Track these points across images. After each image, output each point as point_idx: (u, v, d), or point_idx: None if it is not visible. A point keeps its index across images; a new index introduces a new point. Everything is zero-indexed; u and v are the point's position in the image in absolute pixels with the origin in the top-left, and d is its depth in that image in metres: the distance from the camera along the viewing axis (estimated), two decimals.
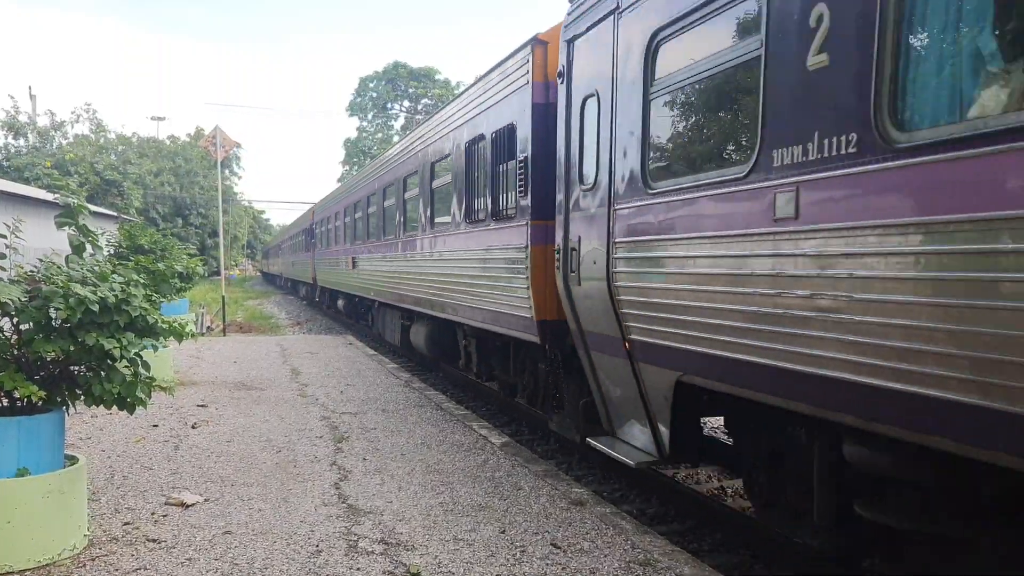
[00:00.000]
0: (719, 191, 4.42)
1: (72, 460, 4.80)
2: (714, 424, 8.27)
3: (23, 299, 4.40)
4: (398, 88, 64.45)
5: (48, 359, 4.64)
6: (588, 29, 6.07)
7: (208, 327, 20.31)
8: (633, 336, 5.44)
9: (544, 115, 7.12)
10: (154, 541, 4.81)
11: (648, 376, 5.40)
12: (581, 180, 6.24)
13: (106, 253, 10.42)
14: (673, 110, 5.13)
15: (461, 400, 10.96)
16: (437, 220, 10.72)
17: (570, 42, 6.44)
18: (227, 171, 64.43)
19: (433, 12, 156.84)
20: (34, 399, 4.50)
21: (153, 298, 4.96)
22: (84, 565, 4.43)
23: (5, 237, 4.79)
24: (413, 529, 5.10)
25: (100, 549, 4.66)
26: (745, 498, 6.64)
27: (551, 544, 4.88)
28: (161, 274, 8.64)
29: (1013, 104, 2.88)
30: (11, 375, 4.39)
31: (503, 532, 5.08)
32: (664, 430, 5.37)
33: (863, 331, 3.42)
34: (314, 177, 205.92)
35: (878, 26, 3.36)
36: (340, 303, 22.31)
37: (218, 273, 26.34)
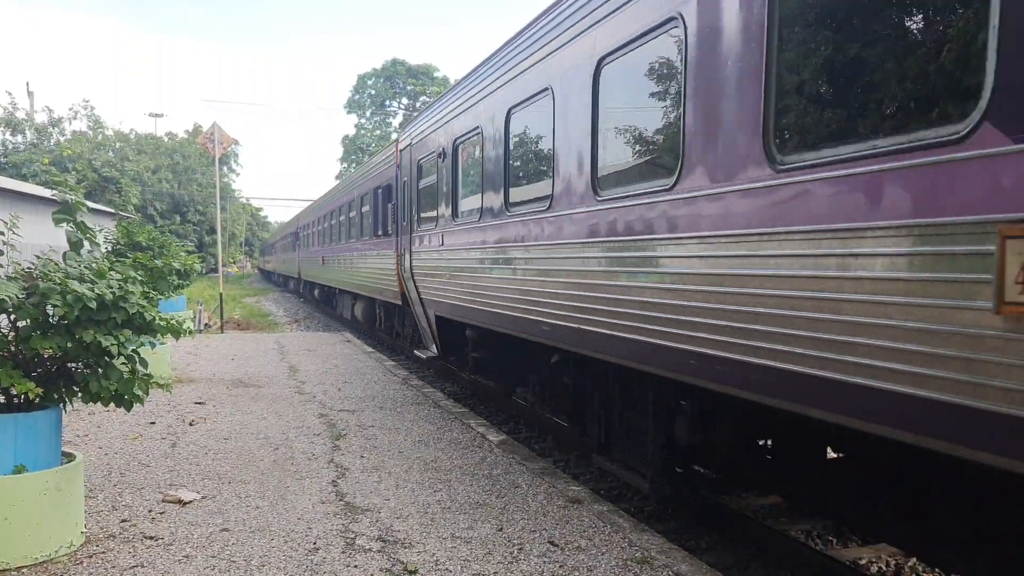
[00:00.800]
0: (438, 228, 10.09)
1: (69, 457, 4.80)
2: None
3: (20, 296, 4.40)
4: (396, 85, 64.43)
5: (45, 356, 4.64)
6: (402, 149, 12.75)
7: (206, 324, 20.29)
8: (423, 296, 11.03)
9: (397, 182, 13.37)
10: (151, 538, 4.81)
11: (428, 315, 10.93)
12: (403, 219, 12.44)
13: (104, 250, 10.42)
14: (423, 197, 11.17)
15: (459, 398, 10.96)
16: (362, 233, 17.23)
17: (401, 151, 12.90)
18: (225, 168, 64.34)
19: (433, 11, 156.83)
20: (31, 396, 4.49)
21: (151, 295, 4.95)
22: (81, 562, 4.43)
23: (3, 234, 4.78)
24: (410, 527, 5.10)
25: (97, 546, 4.66)
26: (743, 497, 6.65)
27: (548, 542, 4.88)
28: (159, 271, 8.62)
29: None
30: (8, 372, 4.39)
31: (500, 530, 5.09)
32: (436, 341, 10.79)
33: (497, 286, 7.87)
34: (312, 174, 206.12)
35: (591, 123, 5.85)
36: (316, 292, 29.67)
37: (216, 270, 26.31)
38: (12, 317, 4.50)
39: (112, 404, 4.74)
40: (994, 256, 2.69)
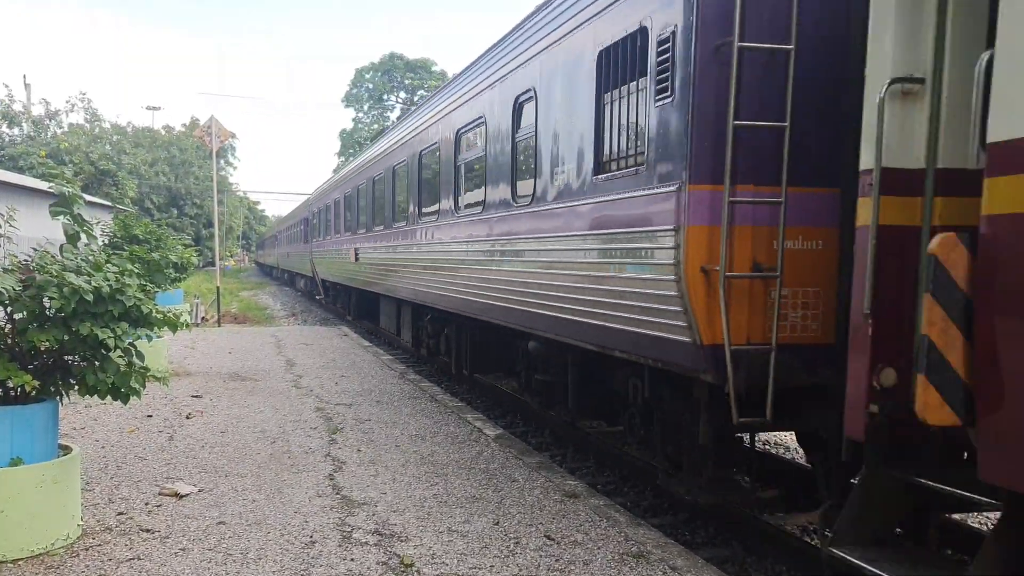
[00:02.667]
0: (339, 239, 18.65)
1: (66, 450, 4.79)
2: None
3: (17, 288, 4.39)
4: (394, 79, 64.26)
5: (42, 349, 4.63)
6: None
7: (203, 318, 20.28)
8: (322, 277, 23.58)
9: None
10: (148, 531, 4.81)
11: (325, 283, 23.74)
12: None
13: (100, 243, 10.40)
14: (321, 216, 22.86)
15: (456, 392, 10.97)
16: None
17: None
18: (222, 162, 64.21)
19: (431, 5, 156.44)
20: (27, 389, 4.49)
21: (148, 288, 4.95)
22: (78, 555, 4.43)
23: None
24: (407, 520, 5.11)
25: (94, 539, 4.66)
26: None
27: (545, 536, 4.89)
28: (156, 264, 8.64)
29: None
30: (4, 364, 4.38)
31: (497, 524, 5.10)
32: (318, 286, 25.06)
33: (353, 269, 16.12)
34: (310, 168, 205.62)
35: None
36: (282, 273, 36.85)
37: (213, 264, 26.28)
38: (9, 310, 4.50)
39: (109, 397, 4.74)
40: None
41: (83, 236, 5.08)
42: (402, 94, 64.73)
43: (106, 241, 11.19)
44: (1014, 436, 2.89)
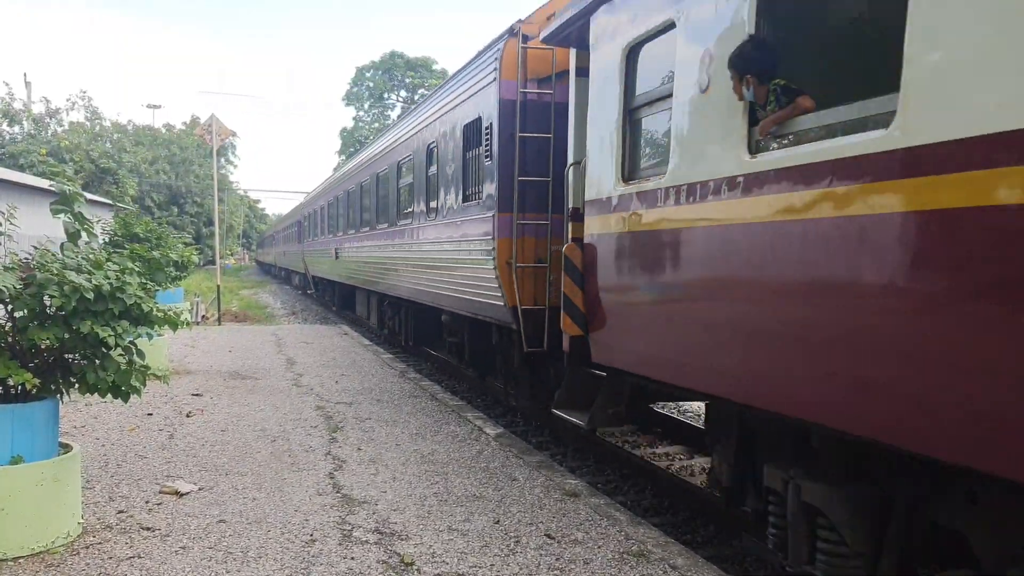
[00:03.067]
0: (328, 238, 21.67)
1: (66, 448, 4.79)
2: None
3: (17, 287, 4.39)
4: (395, 78, 64.19)
5: (42, 347, 4.63)
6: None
7: (203, 316, 20.28)
8: (312, 273, 27.36)
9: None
10: (148, 529, 4.81)
11: (315, 279, 27.46)
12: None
13: (101, 241, 10.40)
14: (311, 220, 26.89)
15: (456, 391, 10.97)
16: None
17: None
18: (222, 160, 64.21)
19: (432, 3, 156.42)
20: (28, 387, 4.49)
21: (148, 286, 4.94)
22: (78, 553, 4.43)
23: (0, 224, 4.77)
24: (407, 519, 5.11)
25: (94, 537, 4.66)
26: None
27: (545, 535, 4.89)
28: (156, 262, 8.64)
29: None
30: (5, 363, 4.38)
31: (497, 522, 5.10)
32: (309, 281, 29.41)
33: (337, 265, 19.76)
34: (311, 167, 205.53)
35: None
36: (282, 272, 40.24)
37: (213, 262, 26.28)
38: (9, 308, 4.50)
39: (109, 395, 4.73)
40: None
41: (84, 234, 5.08)
42: (403, 93, 64.68)
43: (107, 239, 11.19)
44: (602, 337, 5.81)
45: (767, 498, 4.32)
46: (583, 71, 6.26)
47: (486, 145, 8.08)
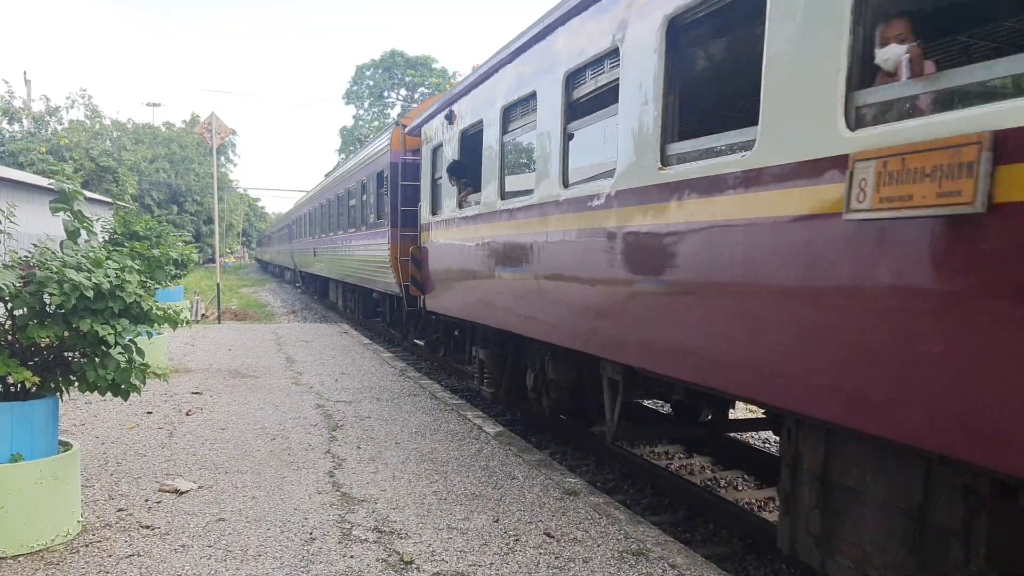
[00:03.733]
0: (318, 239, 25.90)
1: (66, 446, 4.80)
2: None
3: (17, 284, 4.39)
4: (395, 76, 64.15)
5: (42, 345, 4.63)
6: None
7: (203, 314, 20.28)
8: (299, 269, 32.96)
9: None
10: (148, 527, 4.81)
11: (301, 273, 33.50)
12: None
13: (101, 239, 10.40)
14: (297, 224, 33.13)
15: (456, 390, 10.97)
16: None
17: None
18: (222, 158, 64.19)
19: (432, 4, 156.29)
20: (28, 385, 4.49)
21: (148, 285, 4.95)
22: (78, 551, 4.43)
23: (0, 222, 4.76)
24: (407, 517, 5.11)
25: (94, 535, 4.67)
26: (737, 488, 6.67)
27: (544, 533, 4.90)
28: (156, 261, 8.62)
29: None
30: (5, 361, 4.38)
31: (496, 521, 5.10)
32: (297, 276, 36.22)
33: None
34: (310, 165, 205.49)
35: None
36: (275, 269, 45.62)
37: (213, 260, 26.27)
38: (9, 306, 4.50)
39: (109, 393, 4.73)
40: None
41: (83, 232, 5.08)
42: (403, 91, 64.65)
43: (106, 237, 11.19)
44: (430, 298, 10.79)
45: (478, 360, 9.25)
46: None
47: (385, 187, 13.62)
